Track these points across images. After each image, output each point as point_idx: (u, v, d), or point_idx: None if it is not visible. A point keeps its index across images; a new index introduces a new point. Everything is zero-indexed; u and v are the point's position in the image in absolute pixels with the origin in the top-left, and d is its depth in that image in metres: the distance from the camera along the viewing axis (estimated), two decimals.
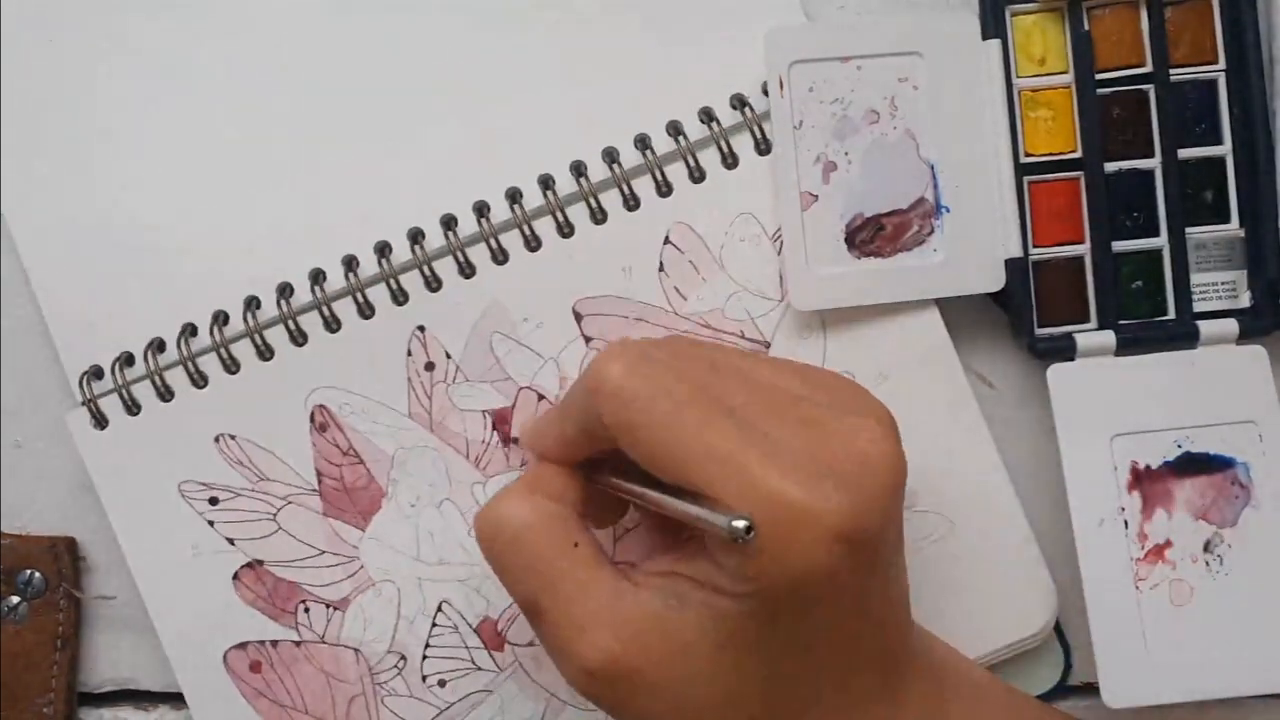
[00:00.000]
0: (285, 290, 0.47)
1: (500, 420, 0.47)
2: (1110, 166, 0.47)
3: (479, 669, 0.47)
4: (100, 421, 0.47)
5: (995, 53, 0.46)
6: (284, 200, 0.48)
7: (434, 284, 0.47)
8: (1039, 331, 0.47)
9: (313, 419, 0.47)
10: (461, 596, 0.47)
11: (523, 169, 0.48)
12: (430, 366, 0.47)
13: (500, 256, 0.47)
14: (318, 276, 0.47)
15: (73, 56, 0.49)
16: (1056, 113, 0.47)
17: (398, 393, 0.47)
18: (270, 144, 0.48)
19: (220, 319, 0.47)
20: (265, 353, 0.47)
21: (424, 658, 0.47)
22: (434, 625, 0.47)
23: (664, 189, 0.47)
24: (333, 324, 0.47)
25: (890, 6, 0.49)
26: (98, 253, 0.48)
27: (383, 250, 0.47)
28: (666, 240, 0.47)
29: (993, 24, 0.46)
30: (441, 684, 0.47)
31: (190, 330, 0.47)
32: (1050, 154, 0.47)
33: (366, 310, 0.47)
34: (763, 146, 0.47)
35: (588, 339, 0.47)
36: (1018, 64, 0.47)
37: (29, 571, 0.48)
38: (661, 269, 0.47)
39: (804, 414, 0.38)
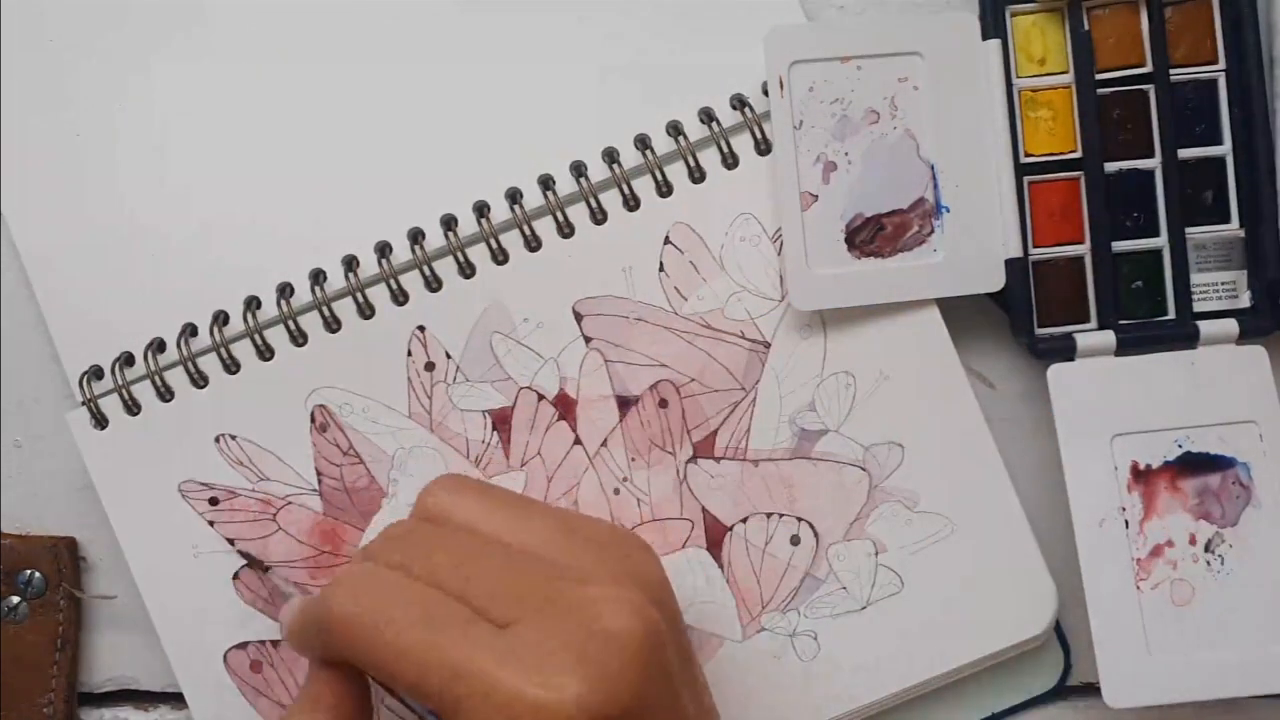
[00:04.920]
0: (285, 290, 0.47)
1: (500, 420, 0.47)
2: (1110, 166, 0.47)
3: None
4: (100, 421, 0.47)
5: (995, 53, 0.46)
6: (284, 200, 0.48)
7: (434, 284, 0.47)
8: (1039, 331, 0.47)
9: (313, 419, 0.47)
10: None
11: (523, 169, 0.48)
12: (430, 366, 0.47)
13: (500, 256, 0.47)
14: (318, 276, 0.47)
15: (72, 56, 0.49)
16: (1056, 113, 0.47)
17: (398, 393, 0.47)
18: (270, 144, 0.48)
19: (220, 319, 0.47)
20: (265, 353, 0.47)
21: None
22: None
23: (664, 189, 0.47)
24: (333, 324, 0.47)
25: (890, 6, 0.49)
26: (98, 253, 0.48)
27: (383, 250, 0.47)
28: (667, 240, 0.47)
29: (993, 24, 0.46)
30: None
31: (190, 330, 0.47)
32: (1050, 154, 0.47)
33: (366, 310, 0.47)
34: (763, 146, 0.47)
35: (588, 339, 0.47)
36: (1018, 64, 0.47)
37: (29, 571, 0.48)
38: (662, 269, 0.47)
39: (549, 592, 0.37)
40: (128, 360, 0.47)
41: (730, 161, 0.47)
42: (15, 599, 0.48)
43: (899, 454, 0.47)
